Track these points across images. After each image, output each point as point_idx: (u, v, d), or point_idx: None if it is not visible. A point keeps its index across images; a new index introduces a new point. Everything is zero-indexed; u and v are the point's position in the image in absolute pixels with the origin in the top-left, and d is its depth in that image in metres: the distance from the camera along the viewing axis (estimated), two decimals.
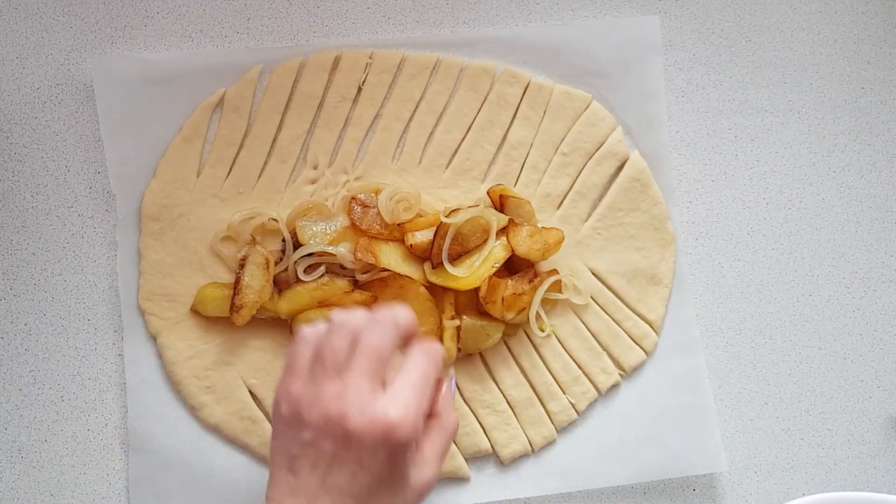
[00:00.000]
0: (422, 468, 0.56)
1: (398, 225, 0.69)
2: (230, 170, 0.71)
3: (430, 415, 0.57)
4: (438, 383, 0.58)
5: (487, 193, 0.71)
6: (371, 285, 0.68)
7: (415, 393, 0.54)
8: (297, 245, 0.68)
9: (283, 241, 0.69)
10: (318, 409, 0.54)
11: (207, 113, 0.71)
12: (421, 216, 0.69)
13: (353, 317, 0.56)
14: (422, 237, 0.68)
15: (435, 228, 0.68)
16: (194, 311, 0.69)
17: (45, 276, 0.71)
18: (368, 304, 0.67)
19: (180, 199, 0.70)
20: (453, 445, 0.69)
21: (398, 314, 0.57)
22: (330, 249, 0.67)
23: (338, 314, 0.56)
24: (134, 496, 0.68)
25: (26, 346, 0.70)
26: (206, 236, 0.70)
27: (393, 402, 0.53)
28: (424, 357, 0.56)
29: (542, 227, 0.69)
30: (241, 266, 0.67)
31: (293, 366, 0.56)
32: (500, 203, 0.70)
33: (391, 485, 0.54)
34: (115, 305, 0.70)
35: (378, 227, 0.68)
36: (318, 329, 0.57)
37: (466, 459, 0.70)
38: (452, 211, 0.69)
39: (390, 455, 0.53)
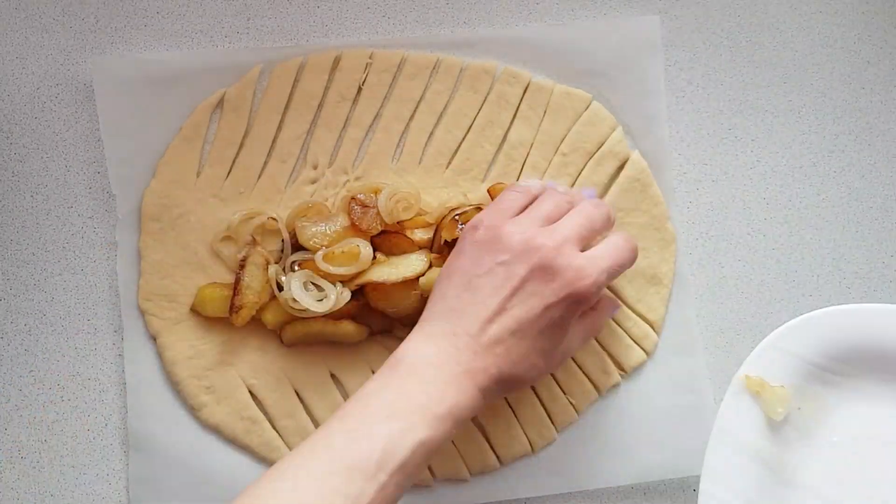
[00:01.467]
0: (574, 337, 0.61)
1: (398, 223, 0.69)
2: (230, 170, 0.71)
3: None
4: None
5: (488, 191, 0.71)
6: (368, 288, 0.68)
7: (610, 263, 0.59)
8: (296, 246, 0.68)
9: (283, 241, 0.69)
10: (523, 238, 0.58)
11: (207, 113, 0.71)
12: (421, 215, 0.69)
13: (569, 190, 0.64)
14: (422, 235, 0.68)
15: (435, 226, 0.68)
16: (194, 311, 0.69)
17: (45, 276, 0.71)
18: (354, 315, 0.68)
19: (180, 199, 0.70)
20: (453, 447, 0.69)
21: (611, 211, 0.64)
22: (323, 267, 0.66)
23: (552, 183, 0.64)
24: (134, 496, 0.68)
25: (26, 346, 0.70)
26: (206, 236, 0.70)
27: (592, 262, 0.58)
28: (628, 247, 0.61)
29: None
30: (241, 266, 0.67)
31: (502, 204, 0.62)
32: None
33: (552, 334, 0.58)
34: (114, 305, 0.70)
35: (378, 226, 0.68)
36: (535, 184, 0.65)
37: (472, 474, 0.70)
38: (453, 209, 0.69)
39: (569, 303, 0.57)
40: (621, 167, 0.73)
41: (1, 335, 0.70)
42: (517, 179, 0.72)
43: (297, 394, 0.70)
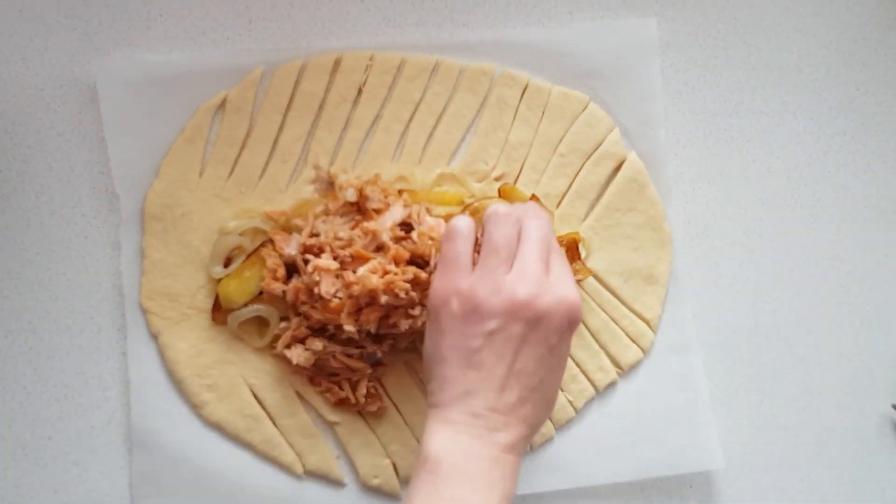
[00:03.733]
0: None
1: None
2: (232, 170, 0.71)
3: None
4: None
5: (499, 192, 0.71)
6: None
7: (570, 276, 0.58)
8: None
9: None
10: (501, 295, 0.54)
11: (209, 114, 0.71)
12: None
13: (510, 208, 0.59)
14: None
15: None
16: (219, 311, 0.69)
17: (49, 275, 0.71)
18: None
19: (183, 199, 0.70)
20: None
21: (546, 216, 0.60)
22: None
23: (494, 207, 0.59)
24: (137, 493, 0.69)
25: (30, 345, 0.71)
26: (209, 235, 0.70)
27: (565, 283, 0.56)
28: (559, 250, 0.60)
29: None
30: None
31: (455, 262, 0.57)
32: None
33: (563, 360, 0.57)
34: (118, 304, 0.71)
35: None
36: (470, 223, 0.59)
37: None
38: (468, 205, 0.69)
39: (569, 334, 0.56)
40: (618, 168, 0.73)
41: (5, 334, 0.71)
42: (516, 180, 0.73)
43: (298, 393, 0.70)
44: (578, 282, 0.70)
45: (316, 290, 0.64)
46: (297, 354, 0.67)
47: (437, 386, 0.56)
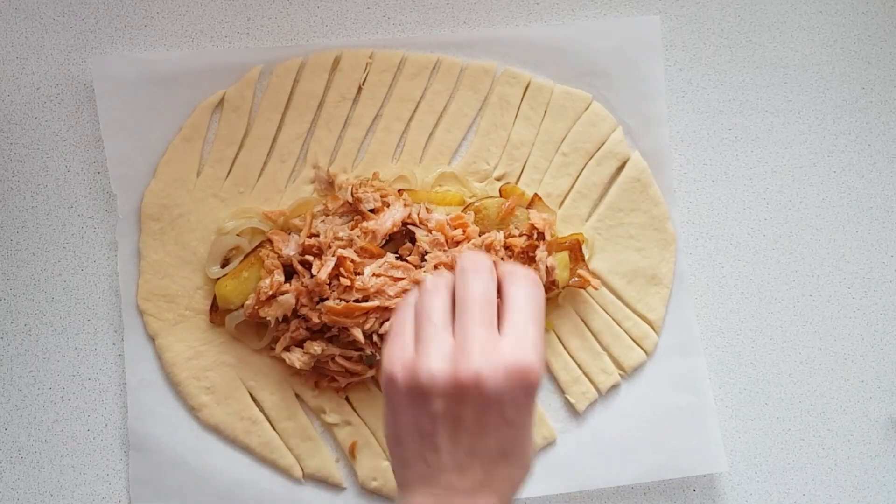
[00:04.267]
0: None
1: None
2: (230, 169, 0.71)
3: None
4: None
5: (500, 192, 0.71)
6: None
7: (535, 325, 0.51)
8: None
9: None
10: (445, 374, 0.49)
11: (207, 113, 0.71)
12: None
13: (442, 275, 0.54)
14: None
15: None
16: (216, 312, 0.69)
17: (45, 276, 0.71)
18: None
19: (180, 198, 0.70)
20: None
21: (483, 258, 0.54)
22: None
23: (426, 278, 0.54)
24: (134, 496, 0.68)
25: (26, 347, 0.70)
26: (206, 236, 0.70)
27: (520, 344, 0.50)
28: (528, 284, 0.53)
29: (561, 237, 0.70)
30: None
31: (400, 332, 0.52)
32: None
33: (526, 429, 0.52)
34: (115, 305, 0.70)
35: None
36: (416, 295, 0.54)
37: None
38: (468, 205, 0.69)
39: (530, 400, 0.50)
40: (621, 167, 0.73)
41: (1, 335, 0.70)
42: (518, 179, 0.72)
43: (297, 395, 0.70)
44: (580, 286, 0.69)
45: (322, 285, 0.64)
46: (297, 358, 0.66)
47: (397, 467, 0.53)
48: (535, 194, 0.70)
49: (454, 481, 0.50)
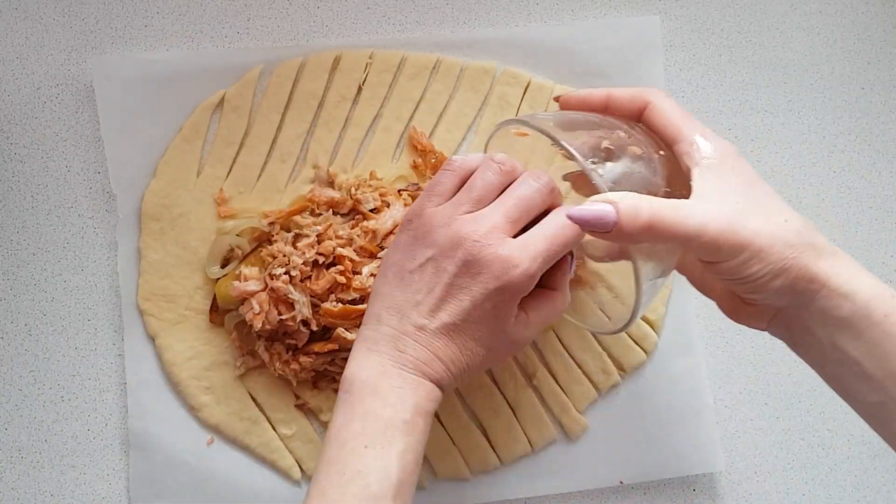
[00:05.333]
0: (520, 326, 0.57)
1: None
2: (230, 169, 0.71)
3: (549, 286, 0.59)
4: (564, 260, 0.58)
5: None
6: None
7: (545, 247, 0.55)
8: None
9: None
10: (449, 230, 0.55)
11: (207, 113, 0.71)
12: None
13: (514, 162, 0.58)
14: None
15: None
16: (216, 312, 0.69)
17: (46, 276, 0.71)
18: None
19: (180, 198, 0.70)
20: (454, 447, 0.69)
21: (552, 183, 0.58)
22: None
23: (500, 155, 0.58)
24: (134, 496, 0.68)
25: (26, 347, 0.70)
26: (206, 236, 0.70)
27: (522, 249, 0.55)
28: (566, 224, 0.55)
29: None
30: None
31: (434, 188, 0.58)
32: None
33: (491, 325, 0.56)
34: (115, 305, 0.70)
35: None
36: (469, 160, 0.59)
37: (473, 474, 0.70)
38: None
39: (501, 294, 0.55)
40: None
41: (1, 335, 0.70)
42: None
43: (297, 395, 0.70)
44: (580, 286, 0.70)
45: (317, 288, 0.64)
46: (296, 376, 0.67)
47: (372, 298, 0.58)
48: None
49: (408, 323, 0.55)
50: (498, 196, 0.57)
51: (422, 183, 0.70)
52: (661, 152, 0.56)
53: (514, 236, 0.56)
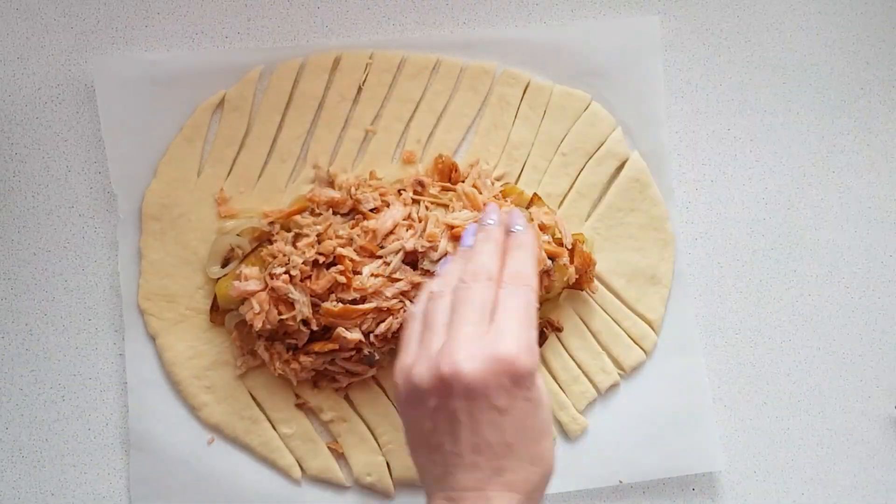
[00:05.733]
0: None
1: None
2: (231, 169, 0.71)
3: None
4: None
5: (501, 193, 0.71)
6: None
7: (520, 323, 0.53)
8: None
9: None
10: (430, 370, 0.52)
11: (208, 113, 0.71)
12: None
13: (448, 279, 0.56)
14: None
15: None
16: (216, 312, 0.69)
17: (46, 275, 0.71)
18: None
19: (181, 198, 0.70)
20: None
21: (487, 258, 0.56)
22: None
23: (433, 283, 0.56)
24: (135, 495, 0.68)
25: (27, 346, 0.70)
26: (207, 236, 0.70)
27: (500, 336, 0.51)
28: (522, 288, 0.54)
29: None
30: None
31: (406, 345, 0.55)
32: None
33: (527, 420, 0.52)
34: (115, 305, 0.70)
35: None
36: (423, 302, 0.56)
37: None
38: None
39: (520, 388, 0.51)
40: (621, 167, 0.73)
41: (2, 335, 0.70)
42: (517, 179, 0.72)
43: (297, 395, 0.70)
44: (578, 288, 0.69)
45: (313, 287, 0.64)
46: (296, 375, 0.67)
47: (420, 477, 0.54)
48: (535, 194, 0.70)
49: (464, 480, 0.51)
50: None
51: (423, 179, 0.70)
52: None
53: None
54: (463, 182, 0.70)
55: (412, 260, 0.65)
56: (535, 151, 0.73)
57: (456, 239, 0.65)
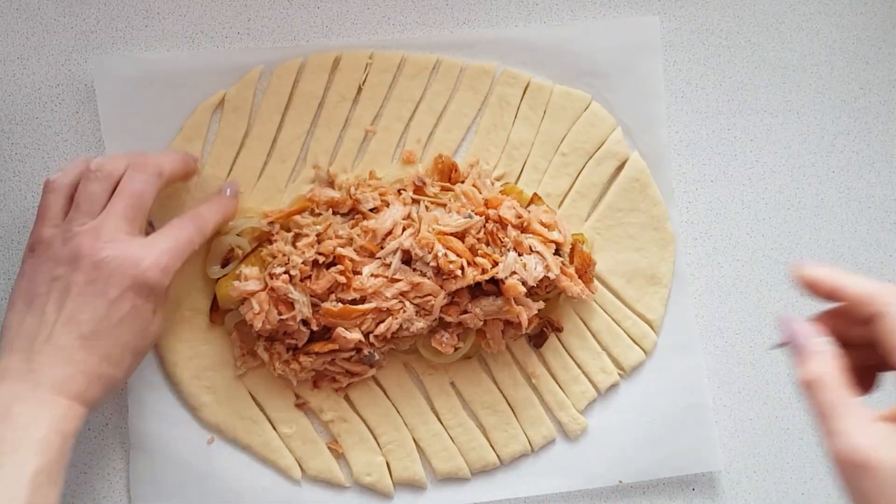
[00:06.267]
0: (157, 324, 0.61)
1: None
2: (230, 169, 0.71)
3: None
4: None
5: (501, 193, 0.71)
6: None
7: (173, 246, 0.60)
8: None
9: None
10: (71, 244, 0.58)
11: (208, 113, 0.71)
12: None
13: (113, 162, 0.61)
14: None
15: None
16: (216, 312, 0.69)
17: None
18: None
19: (181, 198, 0.70)
20: (454, 446, 0.69)
21: (163, 161, 0.62)
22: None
23: (97, 159, 0.61)
24: (135, 495, 0.68)
25: None
26: None
27: (150, 247, 0.59)
28: (192, 223, 0.62)
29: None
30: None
31: (45, 214, 0.60)
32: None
33: (133, 326, 0.59)
34: None
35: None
36: (68, 176, 0.61)
37: (473, 473, 0.70)
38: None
39: (137, 292, 0.58)
40: (621, 167, 0.73)
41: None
42: (517, 179, 0.72)
43: (297, 395, 0.70)
44: (577, 296, 0.69)
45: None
46: (296, 376, 0.67)
47: (2, 335, 0.58)
48: (535, 194, 0.70)
49: (40, 343, 0.56)
50: (109, 199, 0.60)
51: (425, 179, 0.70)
52: None
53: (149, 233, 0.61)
54: (463, 182, 0.70)
55: (410, 258, 0.65)
56: (535, 151, 0.73)
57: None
